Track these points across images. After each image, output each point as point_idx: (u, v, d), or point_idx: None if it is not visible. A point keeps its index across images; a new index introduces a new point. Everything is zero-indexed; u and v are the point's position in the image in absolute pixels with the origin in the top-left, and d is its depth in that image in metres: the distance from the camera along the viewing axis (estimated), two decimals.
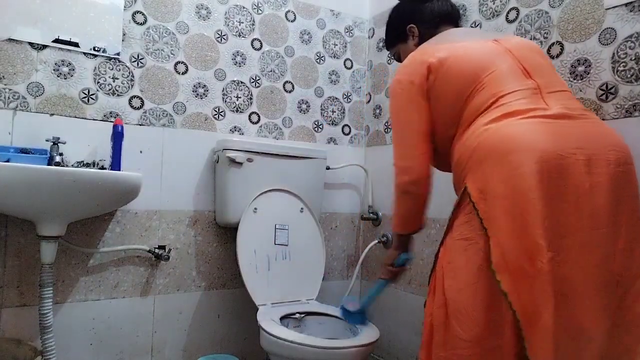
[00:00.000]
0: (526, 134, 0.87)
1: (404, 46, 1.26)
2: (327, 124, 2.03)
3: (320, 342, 1.25)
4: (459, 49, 1.04)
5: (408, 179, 1.06)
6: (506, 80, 0.97)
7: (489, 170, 0.88)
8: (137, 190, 1.36)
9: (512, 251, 0.83)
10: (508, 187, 0.85)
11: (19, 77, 1.42)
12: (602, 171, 0.86)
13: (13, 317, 1.40)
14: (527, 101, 0.93)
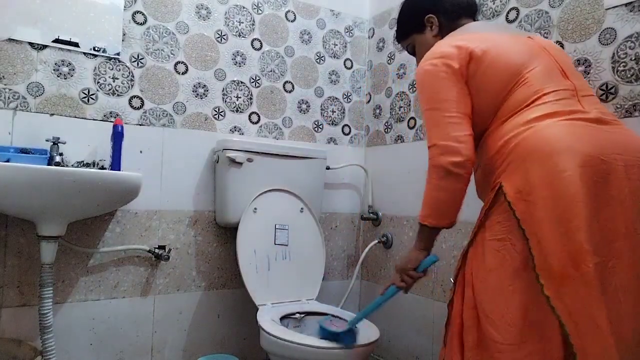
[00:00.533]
0: (569, 136, 0.86)
1: (421, 37, 1.20)
2: (327, 124, 2.03)
3: (320, 342, 1.25)
4: (500, 42, 1.01)
5: (455, 160, 0.95)
6: (547, 79, 0.96)
7: (532, 170, 0.85)
8: (137, 190, 1.36)
9: (556, 255, 0.81)
10: (552, 190, 0.83)
11: (19, 77, 1.42)
12: (637, 177, 0.86)
13: (13, 317, 1.40)
14: (567, 102, 0.93)
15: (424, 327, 1.72)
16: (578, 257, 0.80)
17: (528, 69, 0.97)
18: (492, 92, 0.99)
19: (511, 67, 0.98)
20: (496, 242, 0.89)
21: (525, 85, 0.96)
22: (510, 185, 0.88)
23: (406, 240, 1.83)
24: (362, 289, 2.08)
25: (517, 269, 0.85)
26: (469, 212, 1.59)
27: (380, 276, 1.97)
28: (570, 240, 0.80)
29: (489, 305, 0.88)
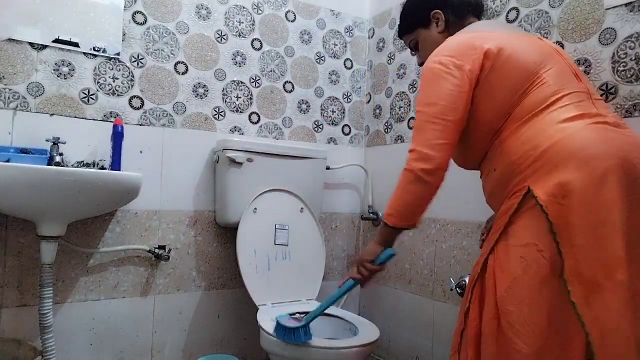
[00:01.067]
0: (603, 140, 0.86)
1: (426, 33, 1.17)
2: (327, 124, 2.03)
3: (320, 342, 1.25)
4: (514, 41, 1.00)
5: (425, 167, 0.97)
6: (564, 80, 0.95)
7: (568, 174, 0.83)
8: (137, 190, 1.36)
9: (588, 262, 0.80)
10: (590, 195, 0.81)
11: (19, 77, 1.42)
12: None
13: (13, 317, 1.40)
14: (586, 104, 0.92)
15: (423, 327, 1.72)
16: (613, 265, 0.78)
17: (545, 68, 0.95)
18: (507, 89, 0.96)
19: (528, 66, 0.96)
20: (521, 249, 0.87)
21: (543, 85, 0.94)
22: (542, 189, 0.85)
23: (406, 240, 1.83)
24: (362, 289, 2.08)
25: (544, 275, 0.83)
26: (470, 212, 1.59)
27: (381, 276, 1.97)
28: (605, 247, 0.79)
29: (515, 315, 0.85)
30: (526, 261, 0.85)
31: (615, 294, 0.78)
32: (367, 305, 2.05)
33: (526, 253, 0.86)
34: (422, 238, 1.74)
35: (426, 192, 1.00)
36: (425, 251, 1.73)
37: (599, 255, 0.79)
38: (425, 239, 1.73)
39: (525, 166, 0.90)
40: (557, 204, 0.83)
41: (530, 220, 0.86)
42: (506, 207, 0.92)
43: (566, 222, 0.82)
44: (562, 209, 0.82)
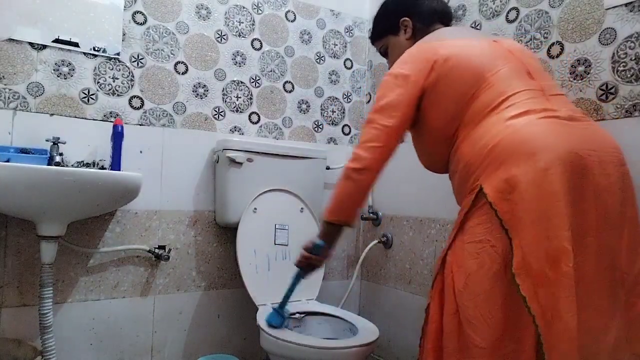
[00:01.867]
0: (547, 134, 0.87)
1: (395, 39, 1.23)
2: (327, 124, 2.03)
3: (320, 342, 1.25)
4: (463, 48, 1.04)
5: (355, 166, 1.05)
6: (512, 80, 0.97)
7: (513, 170, 0.85)
8: (137, 190, 1.36)
9: (534, 254, 0.81)
10: (534, 189, 0.83)
11: (19, 77, 1.42)
12: (611, 172, 0.88)
13: (13, 317, 1.40)
14: (536, 101, 0.94)
15: None
16: (558, 257, 0.80)
17: (492, 72, 0.98)
18: (455, 96, 1.00)
19: (475, 72, 0.99)
20: (476, 245, 0.89)
21: (490, 88, 0.97)
22: (491, 185, 0.87)
23: (406, 240, 1.83)
24: (362, 289, 2.08)
25: (497, 271, 0.85)
26: None
27: (380, 276, 1.97)
28: (551, 239, 0.81)
29: (471, 310, 0.87)
30: (480, 257, 0.87)
31: (560, 285, 0.79)
32: (367, 305, 2.05)
33: (480, 249, 0.88)
34: (422, 238, 1.74)
35: (355, 189, 1.07)
36: (425, 251, 1.73)
37: (545, 248, 0.81)
38: (425, 239, 1.73)
39: (477, 166, 0.92)
40: (505, 199, 0.85)
41: (483, 217, 0.89)
42: (462, 206, 0.95)
43: (514, 217, 0.83)
44: (509, 205, 0.84)
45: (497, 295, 0.85)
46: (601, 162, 0.87)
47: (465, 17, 1.64)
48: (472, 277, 0.88)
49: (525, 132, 0.88)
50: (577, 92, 1.27)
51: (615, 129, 1.17)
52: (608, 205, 0.87)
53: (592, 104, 1.23)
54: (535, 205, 0.82)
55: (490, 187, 0.87)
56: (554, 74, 1.33)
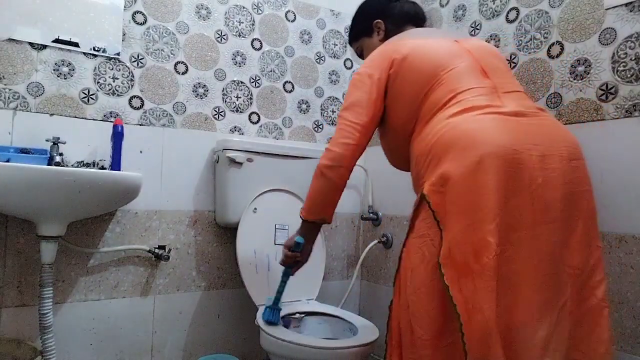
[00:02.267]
0: (485, 129, 0.89)
1: (369, 41, 1.28)
2: (327, 124, 2.03)
3: (320, 342, 1.25)
4: (420, 46, 1.07)
5: (327, 163, 1.09)
6: (464, 78, 0.99)
7: (448, 164, 0.88)
8: (137, 190, 1.36)
9: (459, 245, 0.83)
10: (465, 182, 0.85)
11: (19, 77, 1.42)
12: (555, 166, 0.88)
13: (13, 317, 1.40)
14: (484, 98, 0.96)
15: None
16: (481, 249, 0.81)
17: (446, 70, 1.01)
18: (411, 95, 1.03)
19: (429, 70, 1.02)
20: (417, 240, 0.93)
21: (442, 85, 0.99)
22: (429, 180, 0.91)
23: None
24: (362, 289, 2.08)
25: (435, 264, 0.87)
26: None
27: (380, 276, 1.97)
28: (475, 231, 0.82)
29: (414, 304, 0.89)
30: (422, 251, 0.91)
31: (481, 276, 0.81)
32: (367, 305, 2.05)
33: (422, 244, 0.91)
34: None
35: (327, 186, 1.11)
36: None
37: (471, 240, 0.82)
38: None
39: (422, 163, 0.96)
40: (437, 192, 0.88)
41: (425, 212, 0.92)
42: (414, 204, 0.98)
43: (444, 209, 0.86)
44: (440, 197, 0.87)
45: (435, 288, 0.87)
46: (543, 156, 0.88)
47: (465, 17, 1.64)
48: (415, 271, 0.91)
49: (461, 128, 0.90)
50: (577, 92, 1.27)
51: (615, 129, 1.17)
52: (547, 200, 0.87)
53: (592, 104, 1.23)
54: (463, 198, 0.84)
55: (427, 182, 0.91)
56: (554, 74, 1.33)
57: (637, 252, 1.12)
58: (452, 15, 1.69)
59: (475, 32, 1.60)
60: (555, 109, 1.32)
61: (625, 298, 1.13)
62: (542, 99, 1.36)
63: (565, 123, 1.29)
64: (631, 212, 1.13)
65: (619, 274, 1.15)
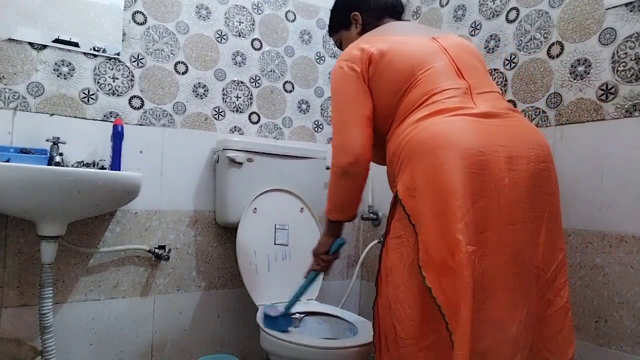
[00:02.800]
0: (452, 131, 0.90)
1: (347, 33, 1.27)
2: (327, 124, 2.02)
3: (320, 342, 1.25)
4: (398, 44, 1.05)
5: (349, 160, 1.04)
6: (439, 79, 0.99)
7: (416, 167, 0.90)
8: (137, 190, 1.36)
9: (435, 247, 0.84)
10: (432, 184, 0.86)
11: (19, 77, 1.42)
12: (522, 168, 0.89)
13: (13, 317, 1.40)
14: (457, 100, 0.96)
15: None
16: (453, 248, 0.83)
17: (422, 69, 1.00)
18: (388, 93, 1.03)
19: (406, 69, 1.01)
20: (395, 240, 0.94)
21: (418, 86, 0.99)
22: (402, 183, 0.92)
23: None
24: (362, 289, 2.08)
25: (412, 263, 0.89)
26: None
27: None
28: (447, 231, 0.83)
29: (394, 302, 0.91)
30: (399, 252, 0.92)
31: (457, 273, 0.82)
32: (367, 305, 2.05)
33: (399, 244, 0.93)
34: None
35: (354, 183, 1.07)
36: None
37: (444, 240, 0.84)
38: None
39: (395, 165, 0.97)
40: (410, 196, 0.89)
41: (400, 214, 0.93)
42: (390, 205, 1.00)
43: (417, 212, 0.88)
44: (414, 201, 0.89)
45: (414, 287, 0.88)
46: (510, 157, 0.89)
47: (465, 17, 1.64)
48: (393, 271, 0.93)
49: (428, 131, 0.91)
50: (577, 92, 1.27)
51: (615, 129, 1.17)
52: (513, 201, 0.88)
53: (592, 104, 1.23)
54: (432, 200, 0.86)
55: (401, 186, 0.92)
56: (554, 74, 1.33)
57: (637, 252, 1.12)
58: (452, 15, 1.69)
59: (475, 32, 1.60)
60: (555, 109, 1.32)
61: (625, 298, 1.13)
62: (542, 99, 1.36)
63: (565, 123, 1.29)
64: (631, 212, 1.13)
65: (619, 274, 1.15)
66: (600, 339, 1.17)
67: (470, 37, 1.61)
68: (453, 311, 0.82)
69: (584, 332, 1.20)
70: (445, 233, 0.84)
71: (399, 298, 0.90)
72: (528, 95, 1.40)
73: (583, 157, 1.23)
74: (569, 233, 1.25)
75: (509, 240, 0.89)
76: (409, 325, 0.88)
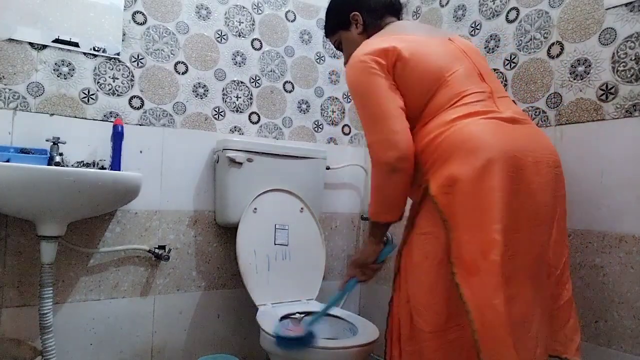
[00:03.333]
0: (487, 133, 0.92)
1: (347, 34, 1.24)
2: (327, 124, 2.03)
3: (320, 342, 1.25)
4: (424, 46, 1.06)
5: (397, 155, 0.96)
6: (467, 82, 1.02)
7: (454, 165, 0.90)
8: (137, 190, 1.36)
9: (468, 245, 0.87)
10: (472, 184, 0.88)
11: (19, 77, 1.42)
12: (544, 172, 0.95)
13: (13, 317, 1.40)
14: (484, 103, 1.00)
15: None
16: (488, 247, 0.85)
17: (450, 72, 1.02)
18: (416, 93, 1.03)
19: (434, 70, 1.02)
20: (422, 236, 0.95)
21: (447, 87, 1.01)
22: (435, 180, 0.93)
23: None
24: (362, 289, 2.08)
25: (440, 260, 0.90)
26: None
27: (380, 276, 1.97)
28: (483, 231, 0.86)
29: (418, 297, 0.93)
30: (426, 248, 0.93)
31: (489, 274, 0.84)
32: (367, 305, 2.05)
33: (426, 240, 0.94)
34: None
35: (404, 179, 0.99)
36: None
37: (478, 239, 0.86)
38: None
39: (425, 160, 0.97)
40: (445, 194, 0.90)
41: (429, 211, 0.94)
42: (413, 200, 1.01)
43: (452, 210, 0.89)
44: (448, 199, 0.89)
45: (440, 284, 0.90)
46: (536, 162, 0.93)
47: (465, 17, 1.64)
48: (419, 266, 0.94)
49: (467, 131, 0.93)
50: (577, 92, 1.27)
51: (615, 129, 1.17)
52: (539, 203, 0.93)
53: (592, 104, 1.23)
54: (471, 199, 0.87)
55: (434, 183, 0.93)
56: (554, 74, 1.33)
57: (637, 252, 1.12)
58: (452, 15, 1.69)
59: (475, 32, 1.60)
60: (555, 109, 1.32)
61: (625, 298, 1.13)
62: (542, 99, 1.36)
63: (565, 123, 1.29)
64: (631, 212, 1.13)
65: (619, 274, 1.15)
66: (600, 339, 1.17)
67: (470, 37, 1.61)
68: (479, 310, 0.84)
69: (584, 332, 1.20)
70: (480, 233, 0.86)
71: (424, 293, 0.92)
72: (528, 95, 1.40)
73: (583, 157, 1.23)
74: (569, 233, 1.24)
75: (535, 241, 0.94)
76: (433, 320, 0.90)
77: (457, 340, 0.89)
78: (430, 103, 1.01)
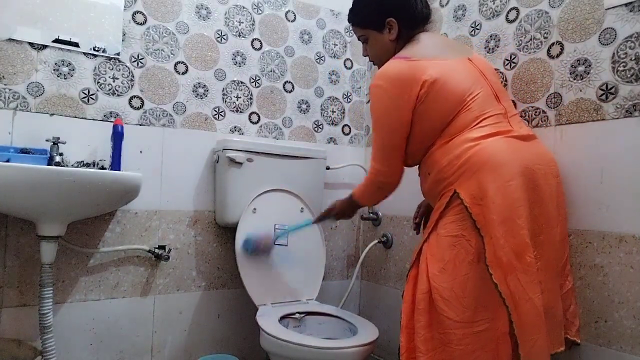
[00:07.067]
0: (509, 151, 1.07)
1: (378, 35, 1.26)
2: (327, 124, 2.03)
3: (320, 342, 1.25)
4: (448, 71, 1.15)
5: (386, 181, 1.26)
6: (485, 104, 1.14)
7: (483, 179, 1.03)
8: (137, 190, 1.36)
9: (503, 249, 1.00)
10: (502, 196, 1.02)
11: (19, 77, 1.42)
12: (551, 182, 1.12)
13: (13, 317, 1.40)
14: (502, 124, 1.13)
15: None
16: (522, 250, 1.01)
17: (471, 95, 1.14)
18: (439, 115, 1.14)
19: (457, 95, 1.13)
20: (451, 238, 1.07)
21: (468, 110, 1.13)
22: (465, 191, 1.05)
23: (406, 240, 1.83)
24: (362, 289, 2.08)
25: (471, 260, 1.03)
26: None
27: (381, 276, 1.97)
28: (515, 237, 1.01)
29: (446, 291, 1.03)
30: (457, 248, 1.05)
31: (525, 272, 1.00)
32: (367, 305, 2.05)
33: (456, 242, 1.06)
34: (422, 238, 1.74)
35: (386, 193, 1.30)
36: None
37: (512, 243, 1.00)
38: None
39: (450, 173, 1.10)
40: (477, 204, 1.03)
41: (457, 215, 1.07)
42: (437, 206, 1.13)
43: (485, 219, 1.02)
44: (481, 209, 1.03)
45: (469, 280, 1.03)
46: (545, 174, 1.10)
47: (465, 17, 1.64)
48: (449, 263, 1.05)
49: (491, 148, 1.07)
50: (577, 92, 1.26)
51: (615, 129, 1.17)
52: (549, 209, 1.10)
53: (592, 104, 1.23)
54: (502, 209, 1.01)
55: (465, 193, 1.05)
56: (554, 74, 1.33)
57: (637, 252, 1.11)
58: (452, 15, 1.69)
59: (475, 32, 1.59)
60: (555, 109, 1.32)
61: (625, 298, 1.13)
62: (542, 99, 1.36)
63: (565, 123, 1.29)
64: (631, 212, 1.13)
65: (619, 274, 1.15)
66: (600, 339, 1.17)
67: (470, 37, 1.61)
68: (516, 304, 0.99)
69: (584, 332, 1.20)
70: (512, 238, 1.00)
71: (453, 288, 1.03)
72: (528, 95, 1.40)
73: (583, 157, 1.23)
74: (569, 233, 1.24)
75: (552, 241, 1.11)
76: (464, 311, 1.01)
77: (485, 332, 1.01)
78: (453, 122, 1.13)
